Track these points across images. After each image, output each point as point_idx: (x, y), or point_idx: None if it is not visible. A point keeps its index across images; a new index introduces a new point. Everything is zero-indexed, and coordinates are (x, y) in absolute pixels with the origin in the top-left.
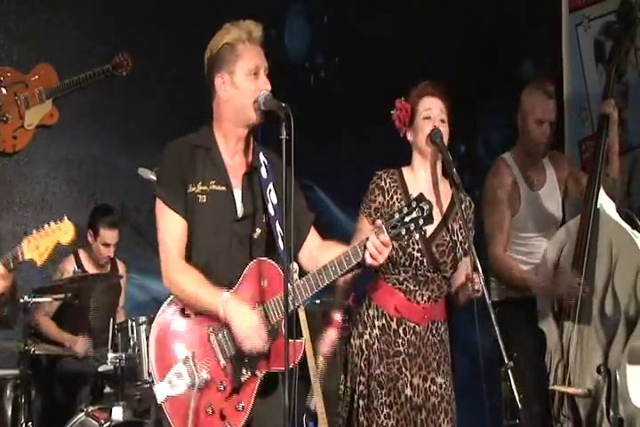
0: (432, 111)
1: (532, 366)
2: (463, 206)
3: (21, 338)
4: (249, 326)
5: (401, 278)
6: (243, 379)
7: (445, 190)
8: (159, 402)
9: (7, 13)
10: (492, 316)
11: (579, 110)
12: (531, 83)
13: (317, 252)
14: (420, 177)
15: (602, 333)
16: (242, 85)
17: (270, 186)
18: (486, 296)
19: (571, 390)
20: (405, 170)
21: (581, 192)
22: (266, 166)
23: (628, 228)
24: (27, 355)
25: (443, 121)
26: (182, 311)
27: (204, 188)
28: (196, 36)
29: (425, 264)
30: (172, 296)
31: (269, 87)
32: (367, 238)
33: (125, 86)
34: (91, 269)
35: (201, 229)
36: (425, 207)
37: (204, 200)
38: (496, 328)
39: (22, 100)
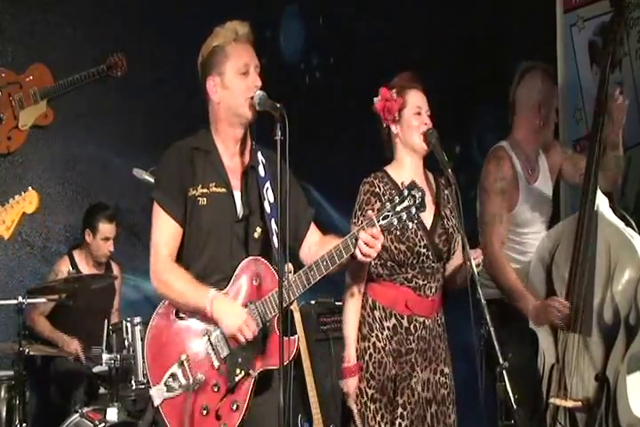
0: (422, 109)
1: (527, 367)
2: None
3: (15, 339)
4: (236, 323)
5: (409, 276)
6: (236, 379)
7: (431, 176)
8: (156, 405)
9: (1, 13)
10: (487, 316)
11: (573, 111)
12: (527, 67)
13: (316, 247)
14: (406, 169)
15: (600, 340)
16: (232, 85)
17: (267, 184)
18: (481, 295)
19: (570, 403)
20: (389, 169)
21: (580, 177)
22: (263, 165)
23: (626, 232)
24: (21, 356)
25: (429, 117)
26: (176, 313)
27: (205, 190)
28: (190, 36)
29: (430, 257)
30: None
31: (259, 84)
32: (357, 232)
33: (120, 87)
34: (86, 269)
35: (202, 231)
36: (417, 195)
37: (205, 202)
38: (491, 328)
39: (16, 100)
